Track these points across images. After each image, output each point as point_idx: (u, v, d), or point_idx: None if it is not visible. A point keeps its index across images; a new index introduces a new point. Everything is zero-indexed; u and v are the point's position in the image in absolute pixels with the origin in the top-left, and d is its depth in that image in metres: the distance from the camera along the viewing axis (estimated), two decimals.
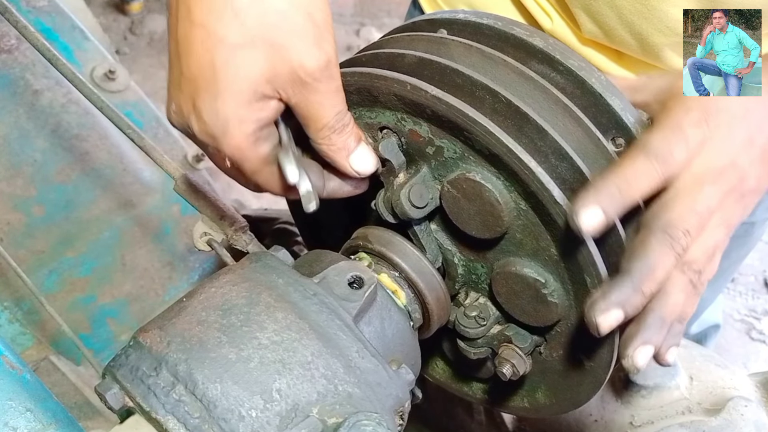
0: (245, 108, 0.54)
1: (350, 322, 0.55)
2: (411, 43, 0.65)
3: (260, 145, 0.57)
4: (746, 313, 2.56)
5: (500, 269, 0.63)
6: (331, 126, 0.57)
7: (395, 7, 3.87)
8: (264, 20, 0.52)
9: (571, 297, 0.60)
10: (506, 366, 0.65)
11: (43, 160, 1.09)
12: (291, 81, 0.54)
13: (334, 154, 0.59)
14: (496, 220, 0.59)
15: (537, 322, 0.63)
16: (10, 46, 1.09)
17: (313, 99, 0.55)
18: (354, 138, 0.59)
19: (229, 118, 0.54)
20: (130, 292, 1.15)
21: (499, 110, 0.57)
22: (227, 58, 0.52)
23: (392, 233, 0.66)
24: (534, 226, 0.58)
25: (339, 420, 0.49)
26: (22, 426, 0.51)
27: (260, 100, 0.54)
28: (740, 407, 0.78)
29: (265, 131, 0.56)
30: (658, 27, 0.84)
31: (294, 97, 0.55)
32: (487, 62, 0.61)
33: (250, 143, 0.56)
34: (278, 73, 0.53)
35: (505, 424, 1.04)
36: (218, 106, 0.53)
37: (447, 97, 0.56)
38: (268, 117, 0.56)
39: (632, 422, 0.84)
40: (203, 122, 0.55)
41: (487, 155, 0.57)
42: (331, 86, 0.55)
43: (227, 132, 0.54)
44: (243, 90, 0.53)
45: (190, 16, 0.52)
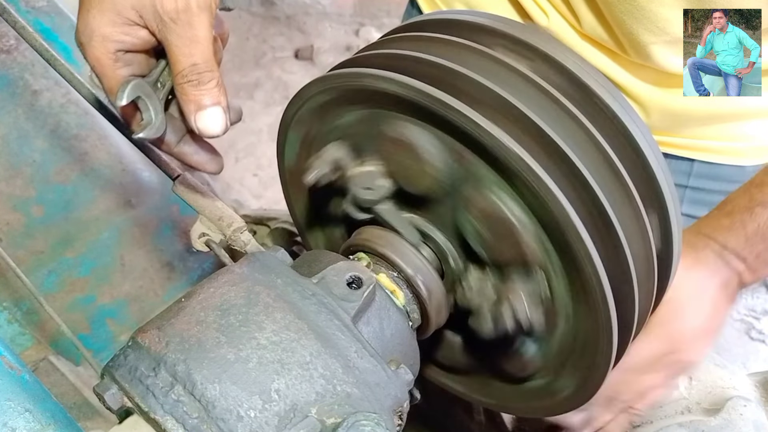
0: (110, 27, 0.59)
1: (349, 323, 0.55)
2: (411, 43, 0.65)
3: (119, 67, 0.61)
4: (745, 313, 2.56)
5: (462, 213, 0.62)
6: (185, 75, 0.60)
7: (395, 7, 3.87)
8: None
9: None
10: (507, 312, 0.61)
11: (42, 160, 1.09)
12: (153, 15, 0.58)
13: (184, 104, 0.62)
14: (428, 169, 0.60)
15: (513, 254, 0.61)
16: (9, 46, 1.09)
17: (170, 40, 0.59)
18: (210, 97, 0.61)
19: (95, 31, 0.59)
20: (130, 293, 1.15)
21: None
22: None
23: (391, 233, 0.66)
24: None
25: (338, 420, 0.49)
26: (21, 426, 0.51)
27: (126, 24, 0.59)
28: (739, 407, 0.78)
29: (128, 56, 0.61)
30: (647, 26, 0.84)
31: (158, 32, 0.60)
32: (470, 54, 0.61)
33: (110, 61, 0.61)
34: (144, 5, 0.58)
35: (505, 424, 1.04)
36: (89, 19, 0.59)
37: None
38: (132, 42, 0.60)
39: (632, 422, 0.84)
40: (77, 31, 0.61)
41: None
42: (187, 33, 0.59)
43: (91, 42, 0.60)
44: (109, 10, 0.59)
45: None
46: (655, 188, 0.61)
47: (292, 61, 3.55)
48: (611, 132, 0.60)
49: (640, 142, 0.60)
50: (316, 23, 3.82)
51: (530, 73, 0.59)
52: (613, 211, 0.57)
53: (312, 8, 3.91)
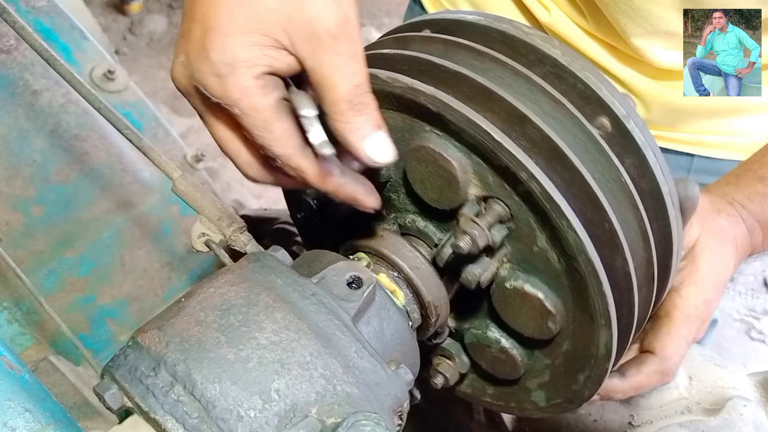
0: (257, 50, 0.50)
1: (349, 322, 0.55)
2: (410, 43, 0.65)
3: (269, 91, 0.52)
4: (746, 313, 2.56)
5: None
6: (349, 99, 0.51)
7: (395, 7, 3.87)
8: None
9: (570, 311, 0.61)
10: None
11: (42, 160, 1.09)
12: (306, 36, 0.50)
13: (349, 133, 0.52)
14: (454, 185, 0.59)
15: (532, 334, 0.64)
16: (9, 46, 1.09)
17: (329, 62, 0.50)
18: (374, 123, 0.53)
19: (239, 56, 0.50)
20: (130, 293, 1.15)
21: (470, 95, 0.57)
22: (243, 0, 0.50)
23: (392, 233, 0.66)
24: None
25: (338, 420, 0.49)
26: (21, 426, 0.51)
27: (273, 47, 0.51)
28: (739, 407, 0.78)
29: (274, 80, 0.52)
30: (641, 24, 0.84)
31: (309, 58, 0.51)
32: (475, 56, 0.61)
33: (259, 87, 0.51)
34: (294, 23, 0.50)
35: (505, 424, 1.04)
36: (229, 43, 0.50)
37: (585, 238, 0.55)
38: (278, 67, 0.52)
39: (631, 422, 0.84)
40: (211, 62, 0.51)
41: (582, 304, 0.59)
42: (349, 49, 0.51)
43: (235, 71, 0.51)
44: (256, 31, 0.50)
45: None
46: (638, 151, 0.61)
47: None
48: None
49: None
50: None
51: (538, 78, 0.60)
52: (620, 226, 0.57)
53: None
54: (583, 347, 0.61)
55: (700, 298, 0.74)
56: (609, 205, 0.56)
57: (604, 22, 0.89)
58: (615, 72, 0.93)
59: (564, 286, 0.59)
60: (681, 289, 0.74)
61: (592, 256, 0.55)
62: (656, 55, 0.88)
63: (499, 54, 0.61)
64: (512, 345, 0.66)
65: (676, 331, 0.73)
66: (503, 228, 0.59)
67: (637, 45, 0.87)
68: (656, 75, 0.93)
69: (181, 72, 0.54)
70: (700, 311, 0.74)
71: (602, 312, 0.57)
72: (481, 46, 0.61)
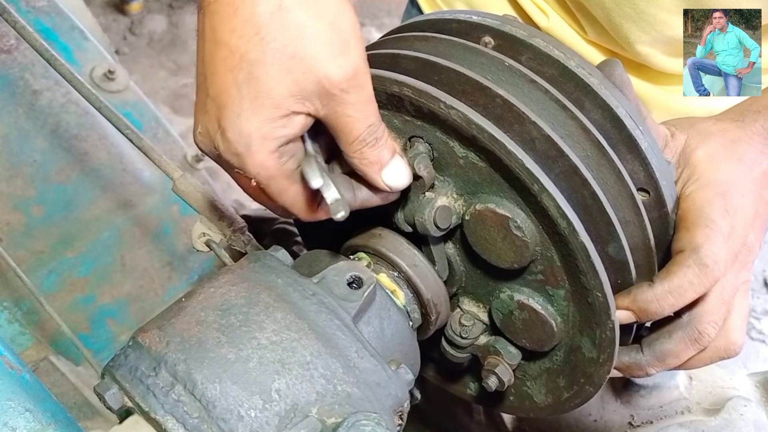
0: (269, 125, 0.52)
1: (349, 322, 0.55)
2: (412, 43, 0.65)
3: (285, 162, 0.55)
4: None
5: (509, 298, 0.63)
6: (363, 139, 0.54)
7: (395, 7, 3.87)
8: (285, 34, 0.50)
9: (576, 327, 0.61)
10: (491, 378, 0.66)
11: (43, 160, 1.09)
12: (317, 94, 0.52)
13: (366, 168, 0.56)
14: (522, 252, 0.59)
15: (538, 347, 0.64)
16: (9, 46, 1.09)
17: (342, 111, 0.53)
18: (388, 150, 0.56)
19: (252, 135, 0.52)
20: (130, 293, 1.15)
21: (502, 116, 0.57)
22: (249, 74, 0.51)
23: (391, 233, 0.66)
24: (553, 262, 0.59)
25: (338, 420, 0.49)
26: (21, 426, 0.51)
27: (285, 116, 0.52)
28: (739, 407, 0.78)
29: (290, 146, 0.55)
30: (644, 29, 0.84)
31: (322, 110, 0.53)
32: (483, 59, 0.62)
33: (274, 160, 0.54)
34: (303, 87, 0.51)
35: (505, 424, 1.04)
36: (241, 123, 0.52)
37: (477, 117, 0.55)
38: (293, 133, 0.54)
39: (631, 422, 0.84)
40: (227, 141, 0.53)
41: (514, 183, 0.57)
42: (360, 97, 0.53)
43: (250, 149, 0.53)
44: (266, 106, 0.51)
45: (214, 36, 0.52)
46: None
47: None
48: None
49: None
50: None
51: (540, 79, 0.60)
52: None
53: None
54: (564, 247, 0.58)
55: (711, 192, 0.63)
56: (497, 86, 0.56)
57: (601, 31, 0.89)
58: None
59: (506, 188, 0.57)
60: (684, 191, 0.64)
61: (490, 129, 0.54)
62: (659, 62, 0.88)
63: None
64: (525, 295, 0.63)
65: (696, 224, 0.61)
66: (427, 159, 0.59)
67: (641, 51, 0.87)
68: (657, 80, 0.93)
69: (201, 141, 0.56)
70: (718, 204, 0.62)
71: (533, 181, 0.54)
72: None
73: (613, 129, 0.60)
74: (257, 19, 0.50)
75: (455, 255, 0.67)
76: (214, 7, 0.52)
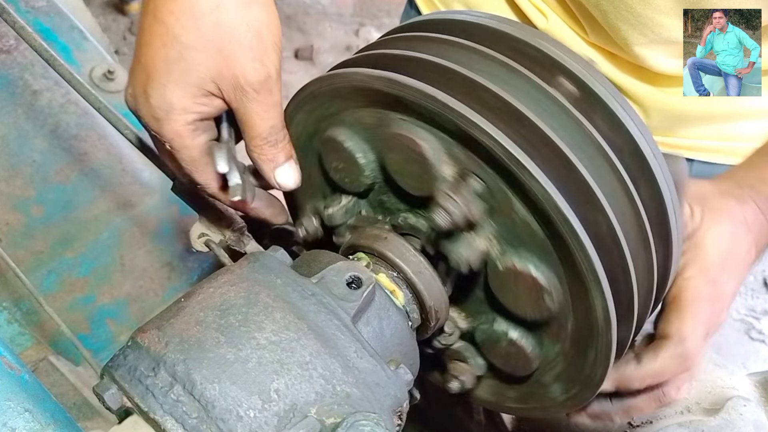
0: (189, 99, 0.60)
1: (348, 322, 0.55)
2: (411, 43, 0.65)
3: (198, 135, 0.62)
4: (745, 313, 2.57)
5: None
6: (264, 137, 0.63)
7: (395, 8, 3.87)
8: (217, 29, 0.58)
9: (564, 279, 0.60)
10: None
11: (42, 160, 1.09)
12: (233, 86, 0.60)
13: (263, 163, 0.64)
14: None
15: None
16: (8, 46, 1.09)
17: (251, 108, 0.61)
18: (284, 154, 0.65)
19: (174, 105, 0.60)
20: (129, 293, 1.15)
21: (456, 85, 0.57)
22: (180, 54, 0.58)
23: (397, 237, 0.66)
24: None
25: (337, 420, 0.49)
26: (20, 426, 0.51)
27: (204, 96, 0.60)
28: (739, 407, 0.78)
29: (204, 123, 0.63)
30: (643, 32, 0.84)
31: (234, 102, 0.61)
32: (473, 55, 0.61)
33: (189, 131, 0.61)
34: (223, 77, 0.59)
35: (505, 424, 1.04)
36: (166, 93, 0.59)
37: (560, 200, 0.55)
38: (208, 111, 0.62)
39: (631, 422, 0.84)
40: (150, 106, 0.60)
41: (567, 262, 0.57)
42: (268, 100, 0.61)
43: (169, 117, 0.60)
44: (190, 83, 0.59)
45: (155, 13, 0.59)
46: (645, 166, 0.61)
47: (291, 61, 3.55)
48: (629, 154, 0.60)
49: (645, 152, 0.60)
50: (316, 23, 3.83)
51: (538, 79, 0.59)
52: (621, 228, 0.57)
53: (312, 8, 3.91)
54: (585, 321, 0.60)
55: (705, 279, 0.71)
56: (577, 159, 0.55)
57: (601, 32, 0.89)
58: (613, 78, 0.93)
59: (552, 256, 0.58)
60: (684, 272, 0.71)
61: (565, 210, 0.54)
62: (657, 63, 0.88)
63: (458, 39, 0.63)
64: (520, 335, 0.65)
65: (686, 313, 0.70)
66: (481, 202, 0.59)
67: (639, 53, 0.87)
68: (656, 81, 0.93)
69: (130, 101, 0.63)
70: (708, 292, 0.70)
71: (589, 270, 0.55)
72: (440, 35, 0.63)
73: (656, 218, 0.62)
74: (196, 8, 0.58)
75: None
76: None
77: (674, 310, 0.70)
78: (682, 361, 0.69)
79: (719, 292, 0.72)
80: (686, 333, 0.69)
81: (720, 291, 0.72)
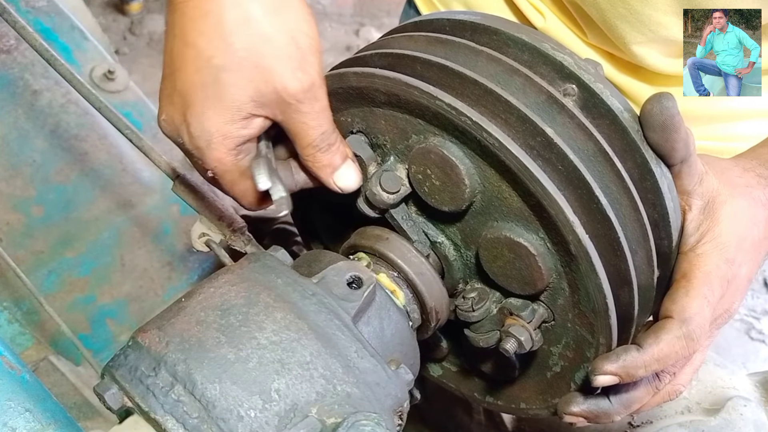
0: (229, 125, 0.57)
1: (349, 322, 0.55)
2: (411, 43, 0.65)
3: (241, 159, 0.60)
4: (746, 313, 2.56)
5: (482, 239, 0.62)
6: (316, 145, 0.60)
7: (395, 7, 3.87)
8: (250, 43, 0.55)
9: (556, 258, 0.60)
10: (510, 341, 0.62)
11: (42, 160, 1.09)
12: (275, 102, 0.57)
13: (319, 170, 0.62)
14: (459, 186, 0.59)
15: (526, 289, 0.62)
16: (9, 46, 1.09)
17: (297, 119, 0.58)
18: (340, 156, 0.62)
19: (214, 133, 0.57)
20: (130, 293, 1.15)
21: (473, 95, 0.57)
22: (215, 78, 0.55)
23: (391, 233, 0.66)
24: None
25: (338, 420, 0.49)
26: (21, 426, 0.51)
27: (244, 119, 0.57)
28: (739, 407, 0.78)
29: (247, 145, 0.60)
30: (641, 30, 0.84)
31: (280, 115, 0.58)
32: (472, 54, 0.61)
33: (232, 157, 0.59)
34: (263, 94, 0.56)
35: (505, 424, 1.04)
36: (204, 122, 0.57)
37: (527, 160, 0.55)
38: (250, 134, 0.59)
39: (631, 422, 0.84)
40: (191, 135, 0.58)
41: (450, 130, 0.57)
42: (315, 107, 0.58)
43: (211, 146, 0.58)
44: (228, 109, 0.56)
45: (183, 36, 0.56)
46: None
47: None
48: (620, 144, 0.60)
49: None
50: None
51: (535, 76, 0.59)
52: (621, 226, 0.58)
53: (312, 8, 3.91)
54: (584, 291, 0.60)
55: (722, 257, 0.64)
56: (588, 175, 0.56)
57: (599, 32, 0.89)
58: (612, 78, 0.93)
59: (533, 221, 0.58)
60: (698, 247, 0.65)
61: (546, 185, 0.55)
62: (655, 62, 0.88)
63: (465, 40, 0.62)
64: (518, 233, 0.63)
65: (696, 291, 0.63)
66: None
67: (637, 52, 0.87)
68: (654, 81, 0.93)
69: (166, 128, 0.61)
70: (723, 271, 0.64)
71: (575, 242, 0.56)
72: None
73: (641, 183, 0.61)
74: (225, 26, 0.55)
75: (441, 239, 0.67)
76: (184, 8, 0.56)
77: (682, 287, 0.64)
78: (687, 342, 0.62)
79: (734, 273, 0.65)
80: (691, 312, 0.62)
81: (735, 272, 0.65)
